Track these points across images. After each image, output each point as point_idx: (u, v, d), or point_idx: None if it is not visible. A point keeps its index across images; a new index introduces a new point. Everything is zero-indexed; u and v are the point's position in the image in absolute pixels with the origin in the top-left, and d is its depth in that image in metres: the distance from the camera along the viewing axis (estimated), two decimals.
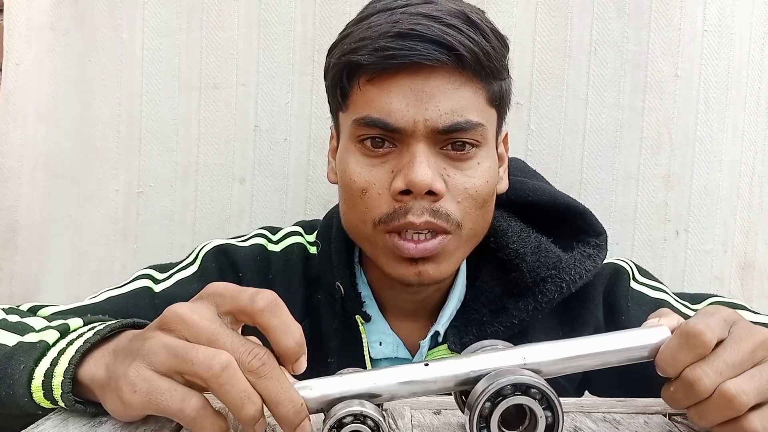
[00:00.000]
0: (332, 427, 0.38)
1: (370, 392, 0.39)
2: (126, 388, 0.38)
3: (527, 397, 0.38)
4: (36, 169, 0.93)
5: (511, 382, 0.38)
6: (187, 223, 0.95)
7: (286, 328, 0.38)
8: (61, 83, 0.92)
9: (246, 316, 0.39)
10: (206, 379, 0.36)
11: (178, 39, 0.93)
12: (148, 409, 0.38)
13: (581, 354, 0.41)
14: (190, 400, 0.37)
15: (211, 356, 0.37)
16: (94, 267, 0.95)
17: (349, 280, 0.63)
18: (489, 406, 0.38)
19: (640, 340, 0.42)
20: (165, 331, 0.39)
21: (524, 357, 0.40)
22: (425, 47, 0.52)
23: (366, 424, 0.38)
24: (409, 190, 0.54)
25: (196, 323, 0.38)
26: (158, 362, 0.38)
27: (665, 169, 0.92)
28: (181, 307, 0.39)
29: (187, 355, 0.37)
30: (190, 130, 0.94)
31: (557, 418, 0.38)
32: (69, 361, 0.42)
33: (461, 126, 0.54)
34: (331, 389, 0.39)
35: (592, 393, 0.67)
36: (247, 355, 0.37)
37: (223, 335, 0.38)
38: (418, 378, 0.40)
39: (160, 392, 0.37)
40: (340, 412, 0.38)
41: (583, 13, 0.91)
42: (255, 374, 0.37)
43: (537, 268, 0.61)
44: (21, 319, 0.51)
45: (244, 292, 0.39)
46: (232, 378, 0.36)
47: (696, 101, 0.91)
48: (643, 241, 0.93)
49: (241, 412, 0.36)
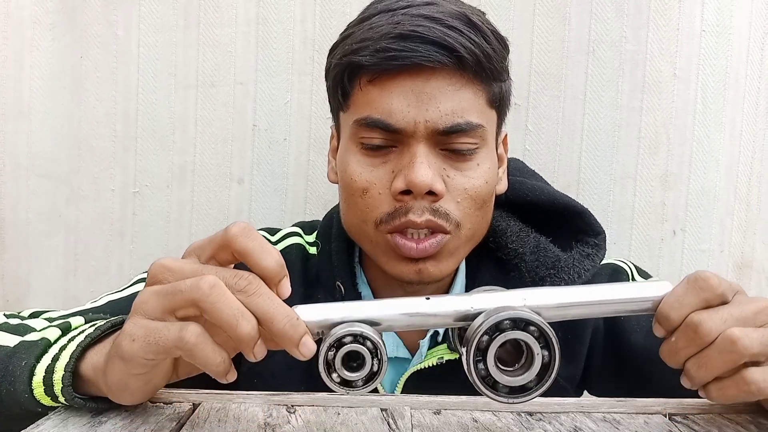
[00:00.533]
0: (331, 346, 0.38)
1: (371, 319, 0.39)
2: (125, 341, 0.38)
3: (525, 333, 0.38)
4: (19, 167, 0.92)
5: (510, 316, 0.38)
6: (183, 224, 0.94)
7: (263, 249, 0.39)
8: (46, 79, 0.91)
9: (224, 250, 0.39)
10: (196, 300, 0.37)
11: (174, 36, 0.92)
12: (149, 353, 0.38)
13: (582, 301, 0.41)
14: (187, 327, 0.37)
15: (197, 279, 0.37)
16: (91, 267, 0.94)
17: (349, 279, 0.63)
18: (486, 339, 0.38)
19: (644, 292, 0.42)
20: (153, 283, 0.39)
21: (525, 298, 0.40)
22: (426, 49, 0.53)
23: (365, 345, 0.38)
24: (409, 190, 0.54)
25: (181, 266, 0.39)
26: (150, 308, 0.38)
27: (663, 169, 0.92)
28: (164, 259, 0.40)
29: (175, 288, 0.37)
30: (187, 129, 0.93)
31: (553, 357, 0.38)
32: (70, 356, 0.42)
33: (461, 127, 0.55)
34: (332, 314, 0.39)
35: (591, 393, 0.68)
36: (233, 278, 0.37)
37: (207, 268, 0.38)
38: (418, 310, 0.40)
39: (157, 331, 0.38)
40: (339, 332, 0.38)
41: (581, 13, 0.91)
42: (243, 293, 0.37)
43: (536, 268, 0.62)
44: (22, 322, 0.51)
45: (217, 233, 0.40)
46: (222, 296, 0.36)
47: (694, 101, 0.91)
48: (640, 240, 0.94)
49: (237, 329, 0.36)
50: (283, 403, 0.47)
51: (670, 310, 0.40)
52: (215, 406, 0.47)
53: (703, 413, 0.47)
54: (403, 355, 0.64)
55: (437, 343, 0.64)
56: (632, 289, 0.42)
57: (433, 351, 0.63)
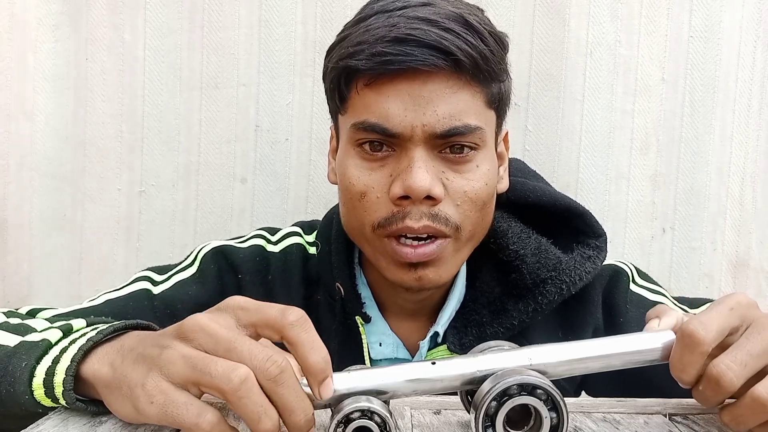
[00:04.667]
0: (340, 422, 0.37)
1: (377, 389, 0.39)
2: (143, 398, 0.37)
3: (533, 398, 0.37)
4: (23, 167, 0.90)
5: (517, 382, 0.37)
6: (188, 223, 0.93)
7: (314, 344, 0.37)
8: (49, 80, 0.89)
9: (273, 330, 0.38)
10: (225, 392, 0.35)
11: (179, 39, 0.90)
12: (163, 421, 0.37)
13: (587, 356, 0.40)
14: (205, 415, 0.36)
15: (231, 369, 0.35)
16: (97, 266, 0.93)
17: (349, 280, 0.61)
18: (495, 405, 0.37)
19: (648, 343, 0.41)
20: (183, 340, 0.37)
21: (530, 358, 0.39)
22: (422, 52, 0.50)
23: (373, 420, 0.37)
24: (407, 195, 0.52)
25: (216, 332, 0.37)
26: (176, 373, 0.36)
27: (652, 169, 0.92)
28: (201, 317, 0.38)
29: (206, 368, 0.36)
30: (192, 130, 0.92)
31: (562, 418, 0.37)
32: (72, 359, 0.41)
33: (459, 130, 0.53)
34: (338, 385, 0.38)
35: (590, 394, 0.66)
36: (266, 362, 0.36)
37: (241, 343, 0.36)
38: (424, 376, 0.39)
39: (176, 405, 0.36)
40: (347, 408, 0.37)
41: (579, 14, 0.90)
42: (273, 382, 0.36)
43: (537, 270, 0.59)
44: (22, 321, 0.49)
45: (271, 306, 0.38)
46: (250, 392, 0.35)
47: (681, 104, 0.92)
48: (632, 239, 0.93)
49: (258, 426, 0.35)
50: None
51: (680, 373, 0.39)
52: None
53: (703, 413, 0.45)
54: (403, 356, 0.63)
55: (437, 344, 0.62)
56: (636, 342, 0.41)
57: (433, 352, 0.61)
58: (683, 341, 0.38)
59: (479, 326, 0.59)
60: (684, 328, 0.38)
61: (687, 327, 0.38)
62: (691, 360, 0.38)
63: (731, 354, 0.37)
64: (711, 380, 0.37)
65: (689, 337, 0.38)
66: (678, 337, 0.39)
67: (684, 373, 0.38)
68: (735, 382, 0.37)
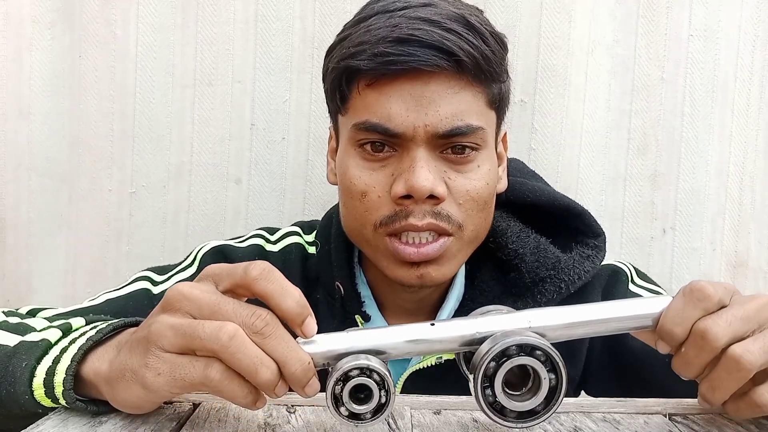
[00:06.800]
0: (338, 380, 0.38)
1: (376, 348, 0.39)
2: (149, 375, 0.38)
3: (532, 358, 0.38)
4: (20, 167, 0.90)
5: (516, 342, 0.38)
6: (180, 225, 0.93)
7: (283, 290, 0.39)
8: (45, 79, 0.90)
9: (244, 289, 0.40)
10: (216, 351, 0.37)
11: (172, 35, 0.90)
12: (175, 387, 0.38)
13: (586, 320, 0.41)
14: (212, 365, 0.37)
15: (218, 328, 0.37)
16: (89, 267, 0.93)
17: (348, 279, 0.62)
18: (494, 365, 0.38)
19: (645, 308, 0.42)
20: (168, 311, 0.39)
21: (530, 321, 0.40)
22: (425, 53, 0.52)
23: (372, 377, 0.38)
24: (410, 194, 0.53)
25: (198, 297, 0.39)
26: (167, 344, 0.38)
27: (651, 169, 0.93)
28: (182, 285, 0.40)
29: (194, 332, 0.37)
30: (184, 129, 0.91)
31: (560, 380, 0.38)
32: (71, 359, 0.42)
33: (461, 130, 0.54)
34: (337, 344, 0.39)
35: (589, 394, 0.67)
36: (251, 317, 0.38)
37: (224, 304, 0.38)
38: (423, 336, 0.40)
39: (182, 367, 0.38)
40: (346, 365, 0.38)
41: (584, 11, 0.91)
42: (260, 335, 0.37)
43: (536, 269, 0.61)
44: (22, 321, 0.50)
45: (237, 267, 0.40)
46: (242, 345, 0.37)
47: (681, 104, 0.92)
48: (630, 239, 0.94)
49: (256, 377, 0.37)
50: (283, 403, 0.46)
51: (674, 325, 0.40)
52: (215, 406, 0.46)
53: (703, 413, 0.46)
54: None
55: None
56: (633, 306, 0.42)
57: None
58: (691, 294, 0.40)
59: None
60: (693, 284, 0.40)
61: (697, 283, 0.40)
62: (691, 314, 0.39)
63: (717, 314, 0.39)
64: (697, 335, 0.39)
65: (699, 291, 0.39)
66: (684, 291, 0.40)
67: (678, 327, 0.40)
68: (720, 336, 0.38)
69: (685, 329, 0.40)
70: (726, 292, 0.41)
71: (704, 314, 0.39)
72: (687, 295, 0.40)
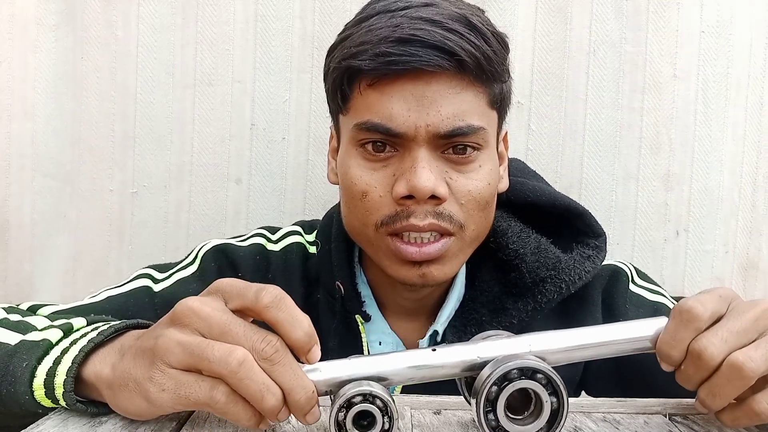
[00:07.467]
0: (341, 407, 0.38)
1: (378, 375, 0.40)
2: (153, 389, 0.39)
3: (533, 382, 0.38)
4: (24, 168, 0.92)
5: (517, 366, 0.38)
6: (181, 225, 0.94)
7: (294, 320, 0.39)
8: (49, 80, 0.92)
9: (253, 313, 0.40)
10: (224, 376, 0.37)
11: (172, 35, 0.92)
12: (178, 404, 0.39)
13: (585, 344, 0.42)
14: (217, 387, 0.38)
15: (228, 353, 0.37)
16: (90, 268, 0.94)
17: (349, 279, 0.63)
18: (495, 390, 0.38)
19: (643, 331, 0.43)
20: (177, 326, 0.39)
21: (530, 344, 0.41)
22: (426, 53, 0.53)
23: (375, 404, 0.38)
24: (411, 195, 0.54)
25: (208, 315, 0.39)
26: (176, 360, 0.38)
27: (665, 169, 0.93)
28: (192, 301, 0.40)
29: (203, 353, 0.38)
30: (185, 129, 0.93)
31: (562, 403, 0.39)
32: (72, 360, 0.42)
33: (463, 130, 0.55)
34: (339, 372, 0.40)
35: (589, 395, 0.68)
36: (260, 343, 0.38)
37: (235, 325, 0.39)
38: (425, 362, 0.41)
39: (188, 385, 0.38)
40: (349, 392, 0.38)
41: (582, 13, 0.91)
42: (269, 361, 0.38)
43: (536, 269, 0.62)
44: (23, 318, 0.51)
45: (248, 290, 0.40)
46: (250, 372, 0.37)
47: (695, 101, 0.92)
48: (643, 241, 0.94)
49: (262, 403, 0.37)
50: None
51: (669, 349, 0.41)
52: None
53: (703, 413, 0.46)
54: None
55: (436, 343, 0.64)
56: (632, 329, 0.43)
57: None
58: (680, 316, 0.40)
59: (478, 325, 0.61)
60: (682, 305, 0.41)
61: (685, 303, 0.41)
62: (684, 336, 0.40)
63: (712, 331, 0.40)
64: (693, 355, 0.40)
65: (687, 312, 0.40)
66: (674, 314, 0.41)
67: (674, 350, 0.40)
68: (716, 355, 0.39)
69: (681, 351, 0.40)
70: (720, 301, 0.41)
71: (696, 334, 0.40)
72: (677, 317, 0.41)
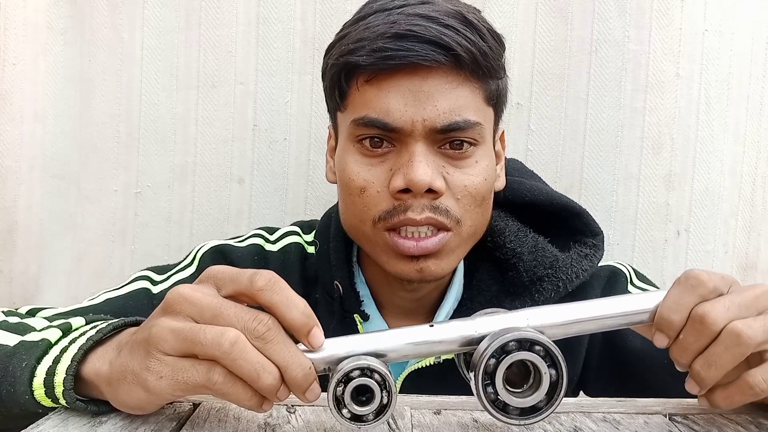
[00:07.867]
0: (339, 381, 0.38)
1: (376, 351, 0.40)
2: (151, 378, 0.39)
3: (531, 353, 0.38)
4: (34, 169, 0.93)
5: (515, 337, 0.38)
6: (185, 224, 0.95)
7: (289, 301, 0.39)
8: (59, 83, 0.93)
9: (248, 298, 0.40)
10: (218, 357, 0.38)
11: (176, 38, 0.93)
12: (177, 390, 0.39)
13: (584, 317, 0.42)
14: (215, 369, 0.38)
15: (219, 334, 0.38)
16: (93, 268, 0.95)
17: (347, 279, 0.64)
18: (494, 362, 0.38)
19: (641, 303, 0.43)
20: (169, 313, 0.40)
21: (528, 318, 0.41)
22: (423, 48, 0.53)
23: (373, 378, 0.38)
24: (408, 188, 0.55)
25: (199, 300, 0.39)
26: (170, 347, 0.39)
27: (666, 169, 0.92)
28: (183, 288, 0.40)
29: (195, 337, 0.38)
30: (188, 130, 0.94)
31: (561, 375, 0.38)
32: (72, 359, 0.43)
33: (459, 125, 0.55)
34: (337, 349, 0.40)
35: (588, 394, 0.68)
36: (252, 322, 0.38)
37: (225, 308, 0.39)
38: (423, 338, 0.41)
39: (184, 370, 0.39)
40: (347, 366, 0.38)
41: (583, 12, 0.91)
42: (261, 340, 0.38)
43: (534, 268, 0.62)
44: (21, 320, 0.52)
45: (242, 275, 0.40)
46: (243, 351, 0.37)
47: (697, 101, 0.91)
48: (644, 241, 0.94)
49: (258, 382, 0.38)
50: (283, 403, 0.47)
51: (671, 312, 0.41)
52: (215, 406, 0.47)
53: (703, 413, 0.47)
54: None
55: None
56: (630, 302, 0.43)
57: None
58: (687, 282, 0.41)
59: None
60: (688, 272, 0.41)
61: (691, 271, 0.41)
62: (688, 301, 0.40)
63: (715, 299, 0.40)
64: (695, 320, 0.39)
65: (695, 278, 0.40)
66: (680, 280, 0.41)
67: (676, 314, 0.40)
68: (718, 320, 0.39)
69: (683, 316, 0.40)
70: (723, 281, 0.42)
71: (701, 300, 0.40)
72: (683, 283, 0.41)
